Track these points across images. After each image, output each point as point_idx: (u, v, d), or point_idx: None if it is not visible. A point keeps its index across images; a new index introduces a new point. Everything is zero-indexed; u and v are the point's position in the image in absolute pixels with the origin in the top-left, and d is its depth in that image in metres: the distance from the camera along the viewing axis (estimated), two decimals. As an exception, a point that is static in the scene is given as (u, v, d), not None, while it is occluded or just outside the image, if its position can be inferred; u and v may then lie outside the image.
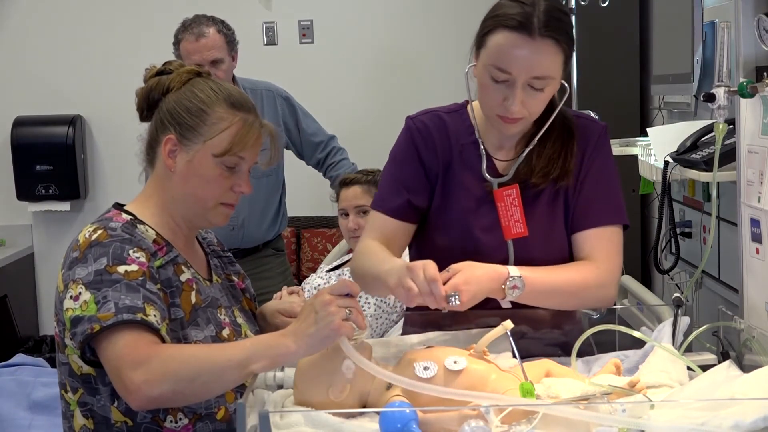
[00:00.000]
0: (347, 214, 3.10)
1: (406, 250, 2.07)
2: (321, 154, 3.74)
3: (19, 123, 4.92)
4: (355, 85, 5.05)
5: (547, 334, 1.90)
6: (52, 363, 1.83)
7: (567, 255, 1.95)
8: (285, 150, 3.69)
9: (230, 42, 3.49)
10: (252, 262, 3.60)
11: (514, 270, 1.78)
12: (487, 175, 1.93)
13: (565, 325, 1.92)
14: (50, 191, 4.90)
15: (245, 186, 1.81)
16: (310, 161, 3.78)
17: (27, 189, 4.91)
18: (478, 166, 1.94)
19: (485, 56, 1.82)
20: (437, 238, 1.97)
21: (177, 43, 3.47)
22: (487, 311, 1.89)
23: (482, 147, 1.95)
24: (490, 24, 1.82)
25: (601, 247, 1.92)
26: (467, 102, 2.01)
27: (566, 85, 1.88)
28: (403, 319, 1.99)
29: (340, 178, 3.26)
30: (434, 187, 1.97)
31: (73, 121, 4.94)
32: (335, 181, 3.46)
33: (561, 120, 1.95)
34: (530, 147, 1.92)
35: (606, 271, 1.90)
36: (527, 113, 1.84)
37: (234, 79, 3.54)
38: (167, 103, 1.80)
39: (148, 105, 1.83)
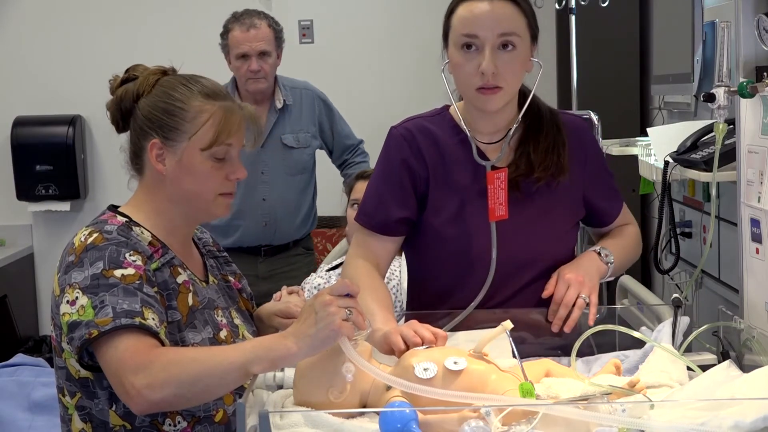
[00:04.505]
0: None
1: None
2: (348, 155, 3.86)
3: (19, 123, 4.91)
4: (355, 86, 5.05)
5: (547, 333, 1.90)
6: (53, 363, 1.83)
7: (559, 247, 2.01)
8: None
9: (278, 38, 3.61)
10: (282, 260, 3.71)
11: (602, 249, 2.00)
12: (479, 158, 1.95)
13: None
14: (50, 191, 4.90)
15: (239, 172, 1.80)
16: (336, 161, 3.90)
17: (27, 189, 4.90)
18: (469, 159, 1.96)
19: (453, 36, 1.92)
20: (434, 225, 1.99)
21: (226, 33, 3.57)
22: (487, 312, 1.91)
23: (470, 136, 1.96)
24: (451, 6, 1.94)
25: (623, 219, 2.13)
26: (447, 106, 2.04)
27: (539, 62, 1.96)
28: (403, 319, 1.99)
29: (358, 172, 3.31)
30: (426, 190, 1.99)
31: (73, 121, 4.94)
32: (349, 177, 3.52)
33: (549, 115, 2.01)
34: (515, 125, 1.96)
35: (636, 225, 2.16)
36: (503, 82, 1.88)
37: (276, 76, 3.64)
38: (142, 110, 1.77)
39: (122, 115, 1.80)
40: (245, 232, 3.65)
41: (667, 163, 2.85)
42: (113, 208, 1.82)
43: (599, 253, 1.99)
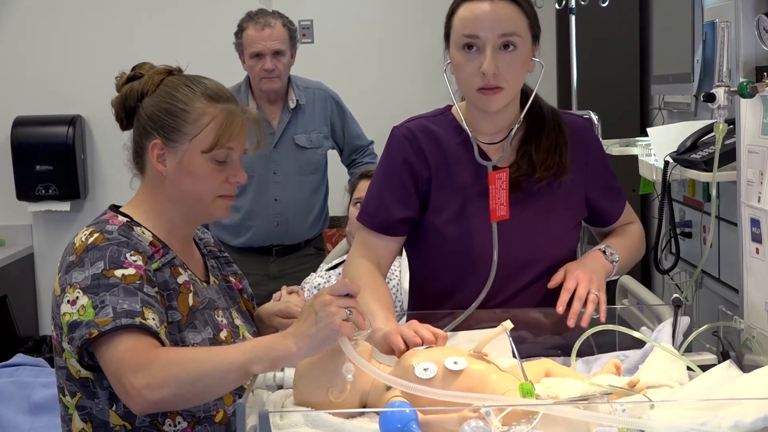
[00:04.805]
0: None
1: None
2: (356, 155, 3.88)
3: (19, 123, 4.91)
4: (355, 86, 5.04)
5: (547, 334, 1.90)
6: (52, 363, 1.83)
7: (560, 247, 2.01)
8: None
9: (293, 38, 3.63)
10: (294, 260, 3.72)
11: (607, 248, 2.01)
12: (480, 159, 1.95)
13: (564, 326, 1.92)
14: (50, 191, 4.89)
15: (240, 176, 1.80)
16: (345, 161, 3.92)
17: (27, 189, 4.90)
18: (471, 159, 1.95)
19: (454, 36, 1.92)
20: (435, 225, 1.99)
21: (240, 32, 3.58)
22: (487, 312, 1.91)
23: (471, 136, 1.96)
24: (452, 7, 1.94)
25: (626, 218, 2.14)
26: (449, 106, 2.04)
27: (541, 62, 1.96)
28: (404, 319, 1.99)
29: (361, 171, 3.32)
30: (428, 190, 1.99)
31: (73, 121, 4.94)
32: (354, 176, 3.52)
33: (551, 115, 2.01)
34: (517, 125, 1.96)
35: (639, 223, 2.17)
36: (504, 82, 1.88)
37: (289, 76, 3.65)
38: (146, 109, 1.78)
39: (126, 113, 1.81)
40: (257, 232, 3.66)
41: (667, 163, 2.85)
42: (114, 208, 1.82)
43: (604, 252, 2.00)
